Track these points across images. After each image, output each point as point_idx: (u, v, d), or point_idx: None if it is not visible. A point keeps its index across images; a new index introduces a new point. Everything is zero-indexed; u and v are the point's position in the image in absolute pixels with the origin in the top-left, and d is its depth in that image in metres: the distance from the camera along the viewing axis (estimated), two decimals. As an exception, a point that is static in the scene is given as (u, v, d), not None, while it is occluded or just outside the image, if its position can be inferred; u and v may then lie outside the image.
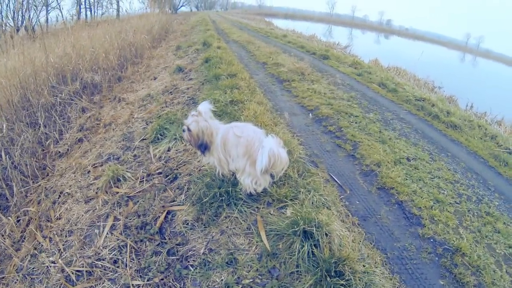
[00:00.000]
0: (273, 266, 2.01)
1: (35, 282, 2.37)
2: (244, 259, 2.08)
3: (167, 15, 23.10)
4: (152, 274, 2.11)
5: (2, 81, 4.58)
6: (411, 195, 3.15)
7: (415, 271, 2.31)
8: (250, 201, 2.53)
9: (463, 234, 2.77)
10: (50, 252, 2.60)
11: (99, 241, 2.52)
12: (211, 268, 2.06)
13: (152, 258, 2.22)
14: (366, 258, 2.22)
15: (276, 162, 2.31)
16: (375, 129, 4.53)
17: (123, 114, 5.52)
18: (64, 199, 3.41)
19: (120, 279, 2.15)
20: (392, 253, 2.44)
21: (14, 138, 4.21)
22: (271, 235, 2.20)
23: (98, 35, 9.59)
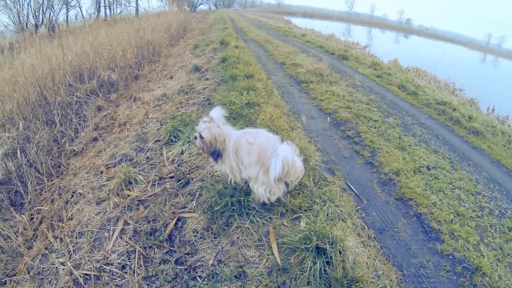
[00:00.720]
0: (283, 282, 1.94)
1: (44, 282, 2.38)
2: (253, 273, 2.01)
3: (185, 13, 23.25)
4: (159, 283, 2.07)
5: (19, 80, 4.65)
6: (431, 207, 3.00)
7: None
8: (262, 211, 2.46)
9: (484, 251, 2.62)
10: (60, 253, 2.61)
11: (108, 245, 2.50)
12: (219, 281, 2.00)
13: (160, 266, 2.18)
14: (381, 276, 2.11)
15: (290, 171, 2.23)
16: (394, 134, 4.39)
17: (138, 114, 5.54)
18: (77, 199, 3.42)
19: (127, 286, 2.13)
20: (409, 270, 2.31)
21: (30, 136, 4.26)
22: (283, 248, 2.12)
23: (116, 33, 9.69)
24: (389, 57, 13.65)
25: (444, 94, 7.71)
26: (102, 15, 28.47)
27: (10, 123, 4.17)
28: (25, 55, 5.60)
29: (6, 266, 2.74)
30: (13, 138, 3.94)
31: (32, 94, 4.82)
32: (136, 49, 9.95)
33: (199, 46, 11.08)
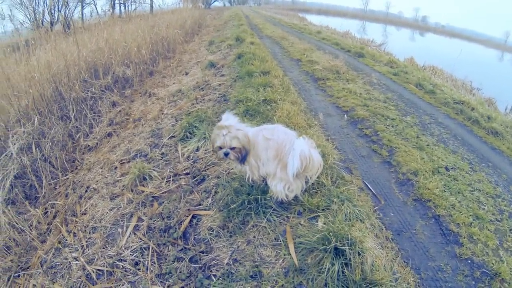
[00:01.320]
0: (300, 283, 1.88)
1: (57, 276, 2.38)
2: (269, 273, 1.97)
3: (200, 10, 23.26)
4: (173, 281, 2.04)
5: (35, 75, 4.69)
6: (449, 209, 2.91)
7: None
8: (279, 209, 2.40)
9: (503, 256, 2.53)
10: (73, 247, 2.60)
11: (122, 241, 2.48)
12: (234, 280, 1.96)
13: (174, 264, 2.15)
14: (399, 279, 2.03)
15: (309, 165, 2.19)
16: (412, 133, 4.28)
17: (153, 110, 5.54)
18: (90, 194, 3.42)
19: (140, 283, 2.11)
20: (426, 274, 2.25)
21: (45, 131, 4.28)
22: (300, 248, 2.06)
23: (131, 30, 9.74)
24: (405, 55, 13.43)
25: (461, 93, 7.52)
26: (116, 12, 28.77)
27: (25, 118, 4.19)
28: (40, 52, 5.67)
29: (19, 259, 2.75)
30: (29, 133, 3.96)
31: (47, 89, 4.86)
32: (151, 45, 10.00)
33: (214, 42, 11.08)
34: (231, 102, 4.69)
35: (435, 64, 12.60)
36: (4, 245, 2.84)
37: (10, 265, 2.66)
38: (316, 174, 2.39)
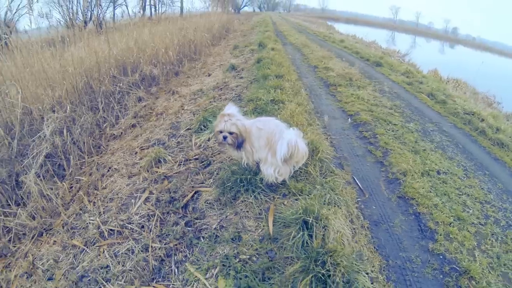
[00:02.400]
0: (271, 249, 2.23)
1: (75, 234, 2.83)
2: (247, 239, 2.34)
3: (229, 14, 23.96)
4: (169, 240, 2.45)
5: (69, 69, 5.22)
6: (431, 208, 3.09)
7: (414, 284, 2.30)
8: (268, 190, 2.77)
9: (478, 257, 2.63)
10: (92, 213, 3.05)
11: (133, 209, 2.92)
12: (218, 242, 2.34)
13: (172, 227, 2.57)
14: (365, 261, 2.30)
15: (295, 152, 2.55)
16: (411, 138, 4.50)
17: (175, 106, 6.01)
18: (112, 173, 3.89)
19: (142, 240, 2.52)
20: (395, 262, 2.45)
21: (76, 118, 4.79)
22: (278, 223, 2.41)
23: (159, 32, 10.28)
24: (430, 66, 13.47)
25: (478, 105, 7.54)
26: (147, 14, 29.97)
27: (58, 106, 4.70)
28: (74, 48, 6.21)
29: (44, 222, 3.21)
30: (61, 119, 4.46)
31: (79, 82, 5.37)
32: (178, 47, 10.53)
33: (239, 47, 11.55)
34: (244, 101, 5.10)
35: (460, 77, 12.57)
36: (33, 210, 3.32)
37: (35, 226, 3.13)
38: (302, 161, 2.74)
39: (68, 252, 2.63)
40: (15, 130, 3.93)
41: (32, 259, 2.68)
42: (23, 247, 2.91)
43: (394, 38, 42.20)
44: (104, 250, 2.49)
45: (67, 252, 2.63)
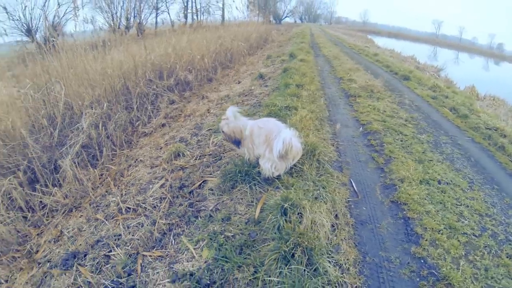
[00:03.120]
0: (254, 230, 2.59)
1: (99, 210, 3.32)
2: (235, 220, 2.71)
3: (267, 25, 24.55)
4: (172, 217, 2.88)
5: (109, 71, 5.86)
6: (422, 215, 3.15)
7: (387, 282, 2.39)
8: (263, 183, 3.13)
9: (462, 266, 2.62)
10: (114, 195, 3.55)
11: (149, 192, 3.39)
12: (211, 221, 2.75)
13: (177, 207, 2.99)
14: (341, 253, 2.51)
15: (289, 149, 2.87)
16: (418, 149, 4.59)
17: (202, 109, 6.52)
18: (137, 164, 4.40)
19: (152, 217, 2.96)
20: (372, 259, 2.57)
21: (112, 115, 5.38)
22: (265, 210, 2.75)
23: (197, 39, 10.93)
24: (468, 83, 13.17)
25: (509, 123, 7.39)
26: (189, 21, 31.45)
27: (97, 104, 5.30)
28: (115, 52, 6.88)
29: (75, 200, 3.73)
30: (98, 115, 5.05)
31: (117, 83, 5.99)
32: (215, 55, 11.11)
33: (271, 57, 12.01)
34: (262, 106, 5.49)
35: (499, 94, 12.23)
36: (67, 191, 3.86)
37: (67, 203, 3.66)
38: (296, 158, 3.07)
39: (90, 224, 3.11)
40: (57, 121, 4.55)
41: (60, 229, 3.19)
42: (55, 220, 3.43)
43: (436, 54, 40.90)
44: (120, 223, 2.95)
45: (90, 224, 3.12)
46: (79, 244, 2.80)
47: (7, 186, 3.43)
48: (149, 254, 2.53)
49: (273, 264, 2.18)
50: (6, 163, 3.87)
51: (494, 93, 12.28)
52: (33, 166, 3.99)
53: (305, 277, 2.07)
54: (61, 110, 4.63)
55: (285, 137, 2.86)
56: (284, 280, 2.03)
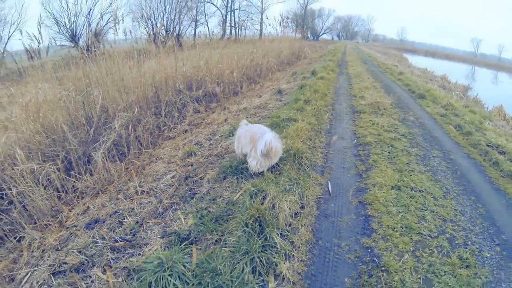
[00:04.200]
0: (230, 209, 3.37)
1: (120, 192, 4.22)
2: (219, 201, 3.54)
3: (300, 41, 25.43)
4: (175, 198, 3.76)
5: (142, 80, 6.85)
6: (383, 214, 3.59)
7: (331, 262, 2.90)
8: (249, 177, 3.92)
9: (405, 258, 2.97)
10: (135, 182, 4.44)
11: (161, 181, 4.28)
12: (201, 201, 3.58)
13: (180, 191, 3.86)
14: (297, 233, 3.20)
15: (270, 149, 3.62)
16: (403, 160, 5.03)
17: (221, 118, 7.43)
18: (157, 160, 5.32)
19: (160, 197, 3.84)
20: (324, 243, 3.10)
21: (141, 119, 6.37)
22: (243, 195, 3.53)
23: (230, 54, 11.87)
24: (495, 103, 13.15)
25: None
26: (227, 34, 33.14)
27: (129, 108, 6.28)
28: (150, 63, 7.79)
29: (102, 186, 4.66)
30: (129, 117, 5.99)
31: (149, 92, 6.97)
32: (244, 69, 12.01)
33: (296, 73, 12.81)
34: (269, 118, 6.29)
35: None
36: (97, 178, 4.78)
37: (95, 187, 4.59)
38: (277, 156, 3.83)
39: (112, 202, 4.02)
40: (94, 121, 5.54)
41: (87, 205, 4.12)
42: (84, 200, 4.37)
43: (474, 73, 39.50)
44: (135, 201, 3.85)
45: (111, 201, 4.03)
46: (100, 215, 3.70)
47: (47, 170, 4.32)
48: (151, 222, 3.39)
49: (233, 230, 2.96)
50: (47, 151, 4.78)
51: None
52: (70, 157, 4.91)
53: (254, 241, 2.80)
54: (97, 111, 5.63)
55: (267, 138, 3.63)
56: (239, 241, 2.78)
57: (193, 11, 38.19)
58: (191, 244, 2.90)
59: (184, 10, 35.77)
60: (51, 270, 2.84)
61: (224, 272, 2.46)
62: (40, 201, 3.90)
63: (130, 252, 2.98)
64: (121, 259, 2.88)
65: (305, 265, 2.88)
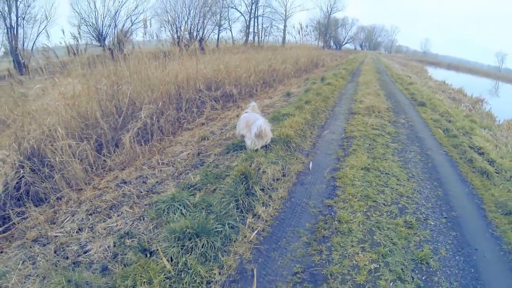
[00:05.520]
0: (227, 171, 4.61)
1: (145, 165, 5.50)
2: (220, 167, 4.83)
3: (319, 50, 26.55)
4: (188, 167, 5.04)
5: (166, 79, 8.13)
6: (348, 185, 4.57)
7: (298, 213, 3.98)
8: (247, 152, 5.15)
9: (356, 216, 3.90)
10: (157, 157, 5.74)
11: (179, 156, 5.58)
12: (207, 167, 4.86)
13: (192, 161, 5.16)
14: (276, 191, 4.46)
15: (261, 131, 4.87)
16: (380, 151, 6.03)
17: (233, 114, 8.72)
18: (176, 144, 6.64)
19: (176, 166, 5.14)
20: (295, 200, 4.24)
21: (164, 112, 7.71)
22: (238, 161, 4.77)
23: (249, 59, 13.11)
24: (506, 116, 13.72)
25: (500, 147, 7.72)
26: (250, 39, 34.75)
27: (154, 102, 7.53)
28: (174, 64, 8.98)
29: (129, 162, 5.95)
30: (153, 110, 7.28)
31: (172, 90, 8.19)
32: (261, 74, 13.23)
33: (309, 79, 14.02)
34: (271, 113, 7.54)
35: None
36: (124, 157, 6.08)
37: (123, 162, 5.89)
38: (267, 137, 5.06)
39: (137, 171, 5.27)
40: (122, 110, 6.81)
41: (116, 175, 5.42)
42: (113, 173, 5.66)
43: (498, 88, 38.91)
44: (156, 169, 5.15)
45: (137, 171, 5.30)
46: (128, 179, 4.98)
47: (83, 147, 5.44)
48: (169, 180, 4.68)
49: (227, 181, 4.23)
50: (82, 134, 5.64)
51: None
52: (100, 139, 5.86)
53: (239, 188, 4.04)
54: (126, 104, 6.91)
55: (259, 123, 4.88)
56: (230, 188, 4.02)
57: (217, 16, 40.33)
58: (195, 190, 4.18)
59: (208, 15, 37.89)
60: (88, 213, 4.00)
61: (216, 205, 3.71)
62: (77, 169, 4.86)
63: (151, 196, 4.27)
64: (144, 200, 4.17)
65: (277, 212, 4.07)
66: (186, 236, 3.09)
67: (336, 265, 3.19)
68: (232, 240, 3.41)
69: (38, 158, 5.07)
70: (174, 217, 3.49)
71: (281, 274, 3.09)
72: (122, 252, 3.16)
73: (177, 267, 2.88)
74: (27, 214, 4.15)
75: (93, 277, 2.82)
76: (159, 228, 3.46)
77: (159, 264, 2.88)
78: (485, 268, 3.38)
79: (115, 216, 3.86)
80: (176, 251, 3.01)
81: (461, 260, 3.45)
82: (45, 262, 3.12)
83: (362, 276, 3.07)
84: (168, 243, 3.08)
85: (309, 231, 3.71)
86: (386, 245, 3.47)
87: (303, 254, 3.36)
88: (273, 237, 3.61)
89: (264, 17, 47.33)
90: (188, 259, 2.94)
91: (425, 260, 3.32)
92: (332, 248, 3.43)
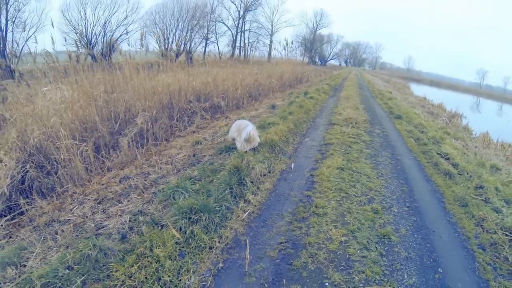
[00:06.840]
0: (222, 166, 5.50)
1: (144, 164, 6.33)
2: (215, 164, 5.70)
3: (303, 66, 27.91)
4: (185, 164, 5.90)
5: (159, 89, 8.97)
6: (324, 181, 5.47)
7: (282, 201, 4.85)
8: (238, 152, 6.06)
9: (330, 203, 4.78)
10: (156, 158, 6.58)
11: (175, 158, 6.43)
12: (203, 164, 5.73)
13: (188, 161, 6.02)
14: (263, 184, 5.41)
15: (250, 136, 5.81)
16: (354, 155, 7.00)
17: (222, 124, 9.64)
18: (171, 148, 7.49)
19: (174, 164, 5.98)
20: (279, 192, 5.11)
21: (158, 119, 8.54)
22: (231, 158, 5.67)
23: (236, 73, 14.04)
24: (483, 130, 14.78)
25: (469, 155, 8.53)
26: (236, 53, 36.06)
27: (148, 110, 8.29)
28: (164, 75, 9.81)
29: (127, 161, 6.70)
30: (148, 117, 8.08)
31: (164, 99, 9.05)
32: (247, 88, 14.14)
33: (293, 94, 15.08)
34: (258, 123, 8.50)
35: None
36: (122, 158, 6.88)
37: (122, 162, 6.72)
38: (256, 141, 5.99)
39: (137, 169, 6.10)
40: (120, 117, 7.60)
41: (117, 173, 6.21)
42: (113, 172, 6.44)
43: (479, 105, 41.13)
44: (156, 167, 5.99)
45: (138, 169, 6.11)
46: (130, 175, 5.78)
47: (83, 148, 6.04)
48: (170, 176, 5.54)
49: (223, 173, 5.12)
50: (82, 136, 6.16)
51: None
52: (98, 142, 6.42)
53: (233, 178, 4.94)
54: (122, 111, 7.66)
55: (249, 129, 5.82)
56: (225, 178, 4.92)
57: (204, 29, 41.62)
58: (195, 180, 5.06)
59: (196, 28, 39.14)
60: (96, 202, 4.72)
61: (214, 192, 4.59)
62: (79, 167, 5.39)
63: (157, 186, 5.11)
64: (150, 189, 5.01)
65: (264, 199, 4.99)
66: (192, 211, 3.96)
67: (313, 237, 4.09)
68: (228, 218, 4.31)
69: (42, 155, 5.45)
70: (179, 200, 4.33)
71: (269, 243, 3.97)
72: (137, 226, 3.99)
73: (185, 235, 3.72)
74: (33, 205, 4.62)
75: (114, 244, 3.62)
76: (167, 208, 4.31)
77: (170, 233, 3.71)
78: (439, 244, 4.17)
79: (126, 201, 4.67)
80: (184, 223, 3.86)
81: (419, 237, 4.24)
82: (68, 234, 3.87)
83: (334, 245, 3.96)
84: (176, 217, 3.93)
85: (291, 214, 4.63)
86: (355, 224, 4.32)
87: (286, 230, 4.26)
88: (261, 217, 4.52)
89: (251, 32, 49.29)
90: (195, 229, 3.81)
91: (387, 236, 4.13)
92: (310, 225, 4.34)
